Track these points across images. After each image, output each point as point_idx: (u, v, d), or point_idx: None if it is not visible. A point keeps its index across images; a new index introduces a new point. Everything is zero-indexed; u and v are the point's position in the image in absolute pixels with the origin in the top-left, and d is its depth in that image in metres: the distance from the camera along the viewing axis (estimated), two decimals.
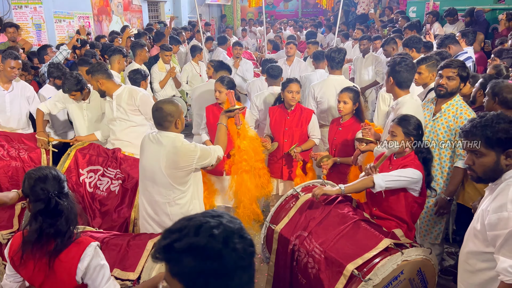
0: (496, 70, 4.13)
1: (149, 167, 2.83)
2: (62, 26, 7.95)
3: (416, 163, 2.69)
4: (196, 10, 7.34)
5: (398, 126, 2.71)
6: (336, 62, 4.42)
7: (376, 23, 10.10)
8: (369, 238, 2.37)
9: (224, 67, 4.63)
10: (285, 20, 15.07)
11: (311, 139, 4.01)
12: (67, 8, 8.05)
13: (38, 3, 7.37)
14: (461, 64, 3.16)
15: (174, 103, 2.80)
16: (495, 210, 1.81)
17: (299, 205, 2.80)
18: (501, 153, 1.88)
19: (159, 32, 7.89)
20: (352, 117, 3.78)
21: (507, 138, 1.85)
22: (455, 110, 3.14)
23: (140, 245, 2.62)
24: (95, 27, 8.95)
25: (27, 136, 3.99)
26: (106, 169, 3.50)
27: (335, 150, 3.86)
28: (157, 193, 2.87)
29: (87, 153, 3.58)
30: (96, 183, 3.45)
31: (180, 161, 2.75)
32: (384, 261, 2.18)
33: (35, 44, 7.27)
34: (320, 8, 15.05)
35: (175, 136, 2.79)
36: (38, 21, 7.47)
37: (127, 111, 3.83)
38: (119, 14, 9.89)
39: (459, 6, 7.78)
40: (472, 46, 5.38)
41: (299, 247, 2.57)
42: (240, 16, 15.60)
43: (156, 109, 2.75)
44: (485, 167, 1.93)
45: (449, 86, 3.12)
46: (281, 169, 4.09)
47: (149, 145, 2.84)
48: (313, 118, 3.99)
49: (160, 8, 12.06)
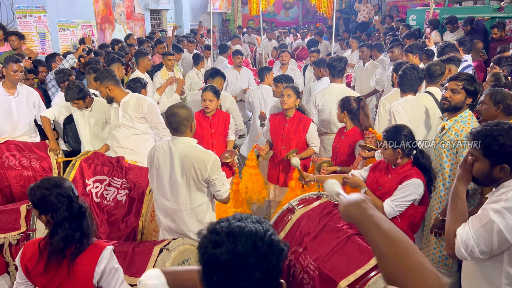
0: (495, 77, 4.17)
1: (164, 176, 2.84)
2: (66, 35, 8.03)
3: (415, 171, 2.72)
4: (197, 18, 7.41)
5: (385, 140, 2.77)
6: (337, 70, 4.47)
7: (380, 30, 10.17)
8: (361, 253, 2.34)
9: (219, 73, 4.74)
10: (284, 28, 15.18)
11: (310, 147, 4.04)
12: (70, 17, 8.13)
13: (42, 12, 7.45)
14: (469, 77, 2.97)
15: (187, 107, 2.83)
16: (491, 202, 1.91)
17: (294, 219, 2.77)
18: (496, 165, 1.91)
19: (159, 40, 7.96)
20: (355, 127, 3.82)
21: (504, 152, 1.89)
22: (459, 128, 2.92)
23: (146, 251, 2.66)
24: (98, 36, 9.04)
25: (37, 145, 4.04)
26: (112, 179, 3.52)
27: (336, 158, 3.90)
28: (174, 201, 2.88)
29: (92, 163, 3.60)
30: (102, 193, 3.47)
31: (195, 166, 2.76)
32: (376, 277, 2.15)
33: (39, 52, 7.35)
34: (321, 16, 15.16)
35: (188, 141, 2.81)
36: (42, 30, 7.55)
37: (133, 119, 3.87)
38: (122, 23, 9.99)
39: (459, 14, 7.84)
40: (470, 54, 5.44)
41: (294, 263, 2.55)
42: (242, 23, 15.71)
43: (172, 114, 2.75)
44: (478, 172, 1.99)
45: (453, 99, 2.96)
46: (277, 175, 4.14)
47: (162, 154, 2.84)
48: (312, 127, 4.01)
49: (162, 16, 12.16)
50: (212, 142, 4.04)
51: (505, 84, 3.99)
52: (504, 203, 1.82)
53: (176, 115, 2.74)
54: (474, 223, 1.88)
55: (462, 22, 7.53)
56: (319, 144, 4.10)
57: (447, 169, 3.01)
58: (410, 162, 2.78)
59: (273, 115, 4.23)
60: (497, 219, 1.80)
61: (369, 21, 12.82)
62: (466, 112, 2.96)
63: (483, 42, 6.78)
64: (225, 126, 4.11)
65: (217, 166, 2.81)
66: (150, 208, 3.37)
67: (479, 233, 1.83)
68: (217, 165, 2.82)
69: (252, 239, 1.02)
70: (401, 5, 12.97)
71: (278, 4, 17.17)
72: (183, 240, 2.71)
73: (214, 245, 1.02)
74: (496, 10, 7.69)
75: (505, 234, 1.78)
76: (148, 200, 3.36)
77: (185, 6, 12.63)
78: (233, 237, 1.02)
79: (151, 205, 3.35)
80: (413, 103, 3.66)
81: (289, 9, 17.91)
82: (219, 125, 4.07)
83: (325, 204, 2.87)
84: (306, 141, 4.04)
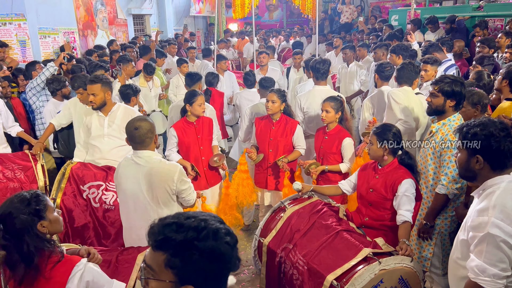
0: (477, 75, 4.23)
1: (130, 191, 2.77)
2: (47, 42, 7.92)
3: (403, 170, 2.76)
4: (181, 22, 7.41)
5: (374, 135, 2.84)
6: (320, 73, 4.49)
7: (365, 31, 10.25)
8: (349, 248, 2.40)
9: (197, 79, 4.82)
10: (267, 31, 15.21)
11: (296, 149, 4.06)
12: (51, 24, 8.03)
13: (23, 20, 7.34)
14: (445, 80, 2.93)
15: (148, 120, 2.78)
16: (478, 214, 1.88)
17: (285, 217, 2.83)
18: (472, 156, 1.95)
19: (145, 46, 7.90)
20: (337, 126, 3.86)
21: (475, 142, 1.93)
22: (445, 131, 2.91)
23: (130, 259, 2.61)
24: (81, 42, 8.94)
25: (18, 155, 3.94)
26: (109, 184, 3.48)
27: (322, 158, 3.92)
28: (141, 218, 2.79)
29: (83, 170, 3.55)
30: (101, 198, 3.44)
31: (162, 180, 2.70)
32: (362, 271, 2.20)
33: (20, 60, 7.23)
34: (305, 18, 15.23)
35: (151, 154, 2.75)
36: (22, 38, 7.44)
37: (121, 129, 3.73)
38: (105, 29, 9.89)
39: (439, 14, 7.96)
40: (452, 52, 5.51)
41: (285, 259, 2.60)
42: (226, 27, 15.69)
43: (135, 128, 2.67)
44: (459, 163, 2.05)
45: (433, 103, 2.98)
46: (266, 179, 4.14)
47: (127, 168, 2.78)
48: (298, 129, 4.04)
49: (146, 21, 12.09)
50: (200, 147, 4.01)
51: (487, 82, 4.05)
52: (492, 211, 1.82)
53: (139, 128, 2.67)
54: (478, 249, 1.84)
55: (442, 21, 7.64)
56: (305, 146, 4.12)
57: (431, 172, 3.02)
58: (396, 161, 2.81)
59: (258, 118, 4.22)
60: (495, 230, 1.78)
61: (352, 22, 12.92)
62: (455, 116, 2.95)
63: (465, 41, 6.88)
64: (209, 130, 4.08)
65: (183, 176, 2.77)
66: None
67: (488, 255, 1.80)
68: (183, 174, 2.77)
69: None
70: (383, 6, 13.11)
71: (262, 6, 17.19)
72: None
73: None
74: (475, 9, 7.81)
75: (510, 241, 1.76)
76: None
77: (168, 10, 12.58)
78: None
79: None
80: (409, 92, 3.89)
81: (273, 12, 17.96)
82: (204, 130, 4.05)
83: (316, 203, 2.94)
84: (292, 144, 4.05)
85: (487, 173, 1.94)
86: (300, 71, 6.97)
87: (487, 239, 1.79)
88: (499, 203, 1.82)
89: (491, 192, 1.89)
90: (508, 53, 4.92)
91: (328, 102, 3.81)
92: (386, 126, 2.85)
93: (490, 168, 1.93)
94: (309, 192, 3.11)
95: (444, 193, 2.85)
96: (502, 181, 1.90)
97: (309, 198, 3.01)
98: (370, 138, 2.87)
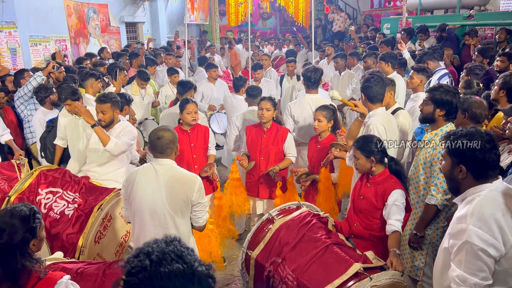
0: (467, 84, 4.24)
1: (148, 198, 2.71)
2: (38, 50, 7.87)
3: (394, 180, 2.75)
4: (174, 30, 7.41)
5: (357, 149, 2.80)
6: (312, 82, 4.48)
7: (356, 40, 10.31)
8: (339, 263, 2.36)
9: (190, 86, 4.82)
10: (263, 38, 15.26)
11: (287, 157, 4.04)
12: (43, 31, 7.98)
13: (13, 28, 7.29)
14: (437, 89, 2.93)
15: (171, 129, 2.80)
16: (457, 221, 1.88)
17: (274, 229, 2.78)
18: (456, 165, 1.95)
19: (133, 52, 7.86)
20: (330, 135, 3.85)
21: (460, 152, 1.93)
22: (437, 141, 2.88)
23: (117, 273, 2.55)
24: (72, 50, 8.89)
25: (3, 165, 3.89)
26: (66, 192, 3.43)
27: (314, 167, 3.90)
28: (157, 226, 2.74)
29: (51, 175, 3.52)
30: (51, 205, 3.36)
31: (183, 188, 2.68)
32: (353, 287, 2.16)
33: (10, 68, 7.16)
34: (298, 26, 15.30)
35: (171, 163, 2.75)
36: (13, 45, 7.37)
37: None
38: (97, 36, 9.85)
39: (430, 22, 8.05)
40: (442, 61, 5.54)
41: (273, 274, 2.55)
42: (220, 35, 15.72)
43: (158, 138, 2.69)
44: (443, 171, 2.06)
45: (423, 111, 3.00)
46: (258, 188, 4.11)
47: (147, 176, 2.73)
48: (289, 137, 4.03)
49: (139, 29, 12.07)
50: (192, 156, 3.98)
51: (476, 90, 4.07)
52: (470, 219, 1.81)
53: (162, 138, 2.69)
54: (458, 258, 1.83)
55: (433, 30, 7.71)
56: (295, 154, 4.10)
57: (422, 181, 3.00)
58: (387, 170, 2.79)
59: (249, 127, 4.20)
60: (473, 238, 1.77)
61: (345, 30, 13.00)
62: (448, 126, 2.92)
63: (455, 50, 6.94)
64: (204, 139, 4.05)
65: (203, 189, 2.76)
66: (95, 228, 3.21)
67: (468, 264, 1.79)
68: (203, 188, 2.77)
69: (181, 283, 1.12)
70: (375, 14, 13.21)
71: (255, 14, 17.27)
72: None
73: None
74: (466, 18, 7.90)
75: (488, 250, 1.75)
76: (94, 218, 3.21)
77: (161, 18, 12.57)
78: None
79: (97, 224, 3.21)
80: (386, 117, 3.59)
81: (266, 19, 18.04)
82: (198, 139, 4.02)
83: (305, 214, 2.89)
84: (283, 151, 4.03)
85: (470, 182, 1.94)
86: (294, 79, 6.98)
87: (466, 247, 1.80)
88: (477, 211, 1.82)
89: (471, 200, 1.90)
90: (499, 61, 4.95)
91: (320, 111, 3.80)
92: (366, 138, 2.83)
93: (473, 178, 1.93)
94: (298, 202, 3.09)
95: (434, 203, 2.83)
96: (483, 190, 1.90)
97: (298, 209, 2.97)
98: (354, 153, 2.84)
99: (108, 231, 3.42)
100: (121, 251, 3.62)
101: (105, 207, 3.28)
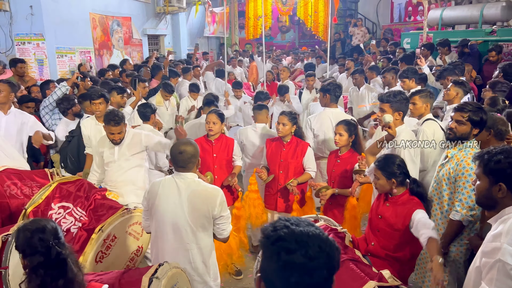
0: (492, 100, 4.18)
1: (170, 212, 2.72)
2: (64, 61, 8.10)
3: (416, 201, 2.70)
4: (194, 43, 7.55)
5: (378, 170, 2.75)
6: (335, 96, 4.50)
7: (377, 53, 10.28)
8: (354, 279, 2.31)
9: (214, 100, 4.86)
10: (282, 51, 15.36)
11: (307, 171, 4.03)
12: (68, 43, 8.22)
13: (41, 39, 7.54)
14: (474, 108, 2.88)
15: (193, 143, 2.81)
16: (492, 239, 1.85)
17: None
18: (494, 184, 1.91)
19: (156, 65, 8.02)
20: (350, 150, 3.83)
21: (500, 170, 1.90)
22: (460, 157, 2.86)
23: (134, 282, 2.53)
24: (96, 61, 9.12)
25: (37, 173, 3.95)
26: (75, 209, 3.36)
27: (333, 182, 3.89)
28: (178, 240, 2.75)
29: (66, 188, 3.46)
30: (60, 221, 3.28)
31: (205, 202, 2.69)
32: None
33: (37, 79, 7.39)
34: (317, 39, 15.37)
35: (193, 177, 2.75)
36: (40, 57, 7.62)
37: (126, 155, 3.86)
38: (120, 48, 10.09)
39: (452, 37, 7.95)
40: (463, 76, 5.48)
41: None
42: (239, 48, 15.90)
43: (180, 152, 2.70)
44: (479, 191, 2.01)
45: (458, 130, 2.91)
46: (276, 201, 4.11)
47: (169, 189, 2.74)
48: (309, 151, 4.02)
49: (160, 41, 12.32)
50: (214, 166, 4.02)
51: (502, 107, 4.00)
52: (505, 237, 1.78)
53: (184, 152, 2.70)
54: (489, 277, 1.80)
55: (455, 45, 7.63)
56: (315, 168, 4.09)
57: (446, 197, 2.96)
58: (407, 192, 2.75)
59: (269, 140, 4.22)
60: (506, 257, 1.74)
61: (364, 44, 12.98)
62: (472, 142, 2.90)
63: (477, 66, 6.85)
64: (228, 151, 4.08)
65: (225, 202, 2.75)
66: (95, 248, 3.09)
67: (498, 284, 1.75)
68: (225, 201, 2.76)
69: (318, 242, 1.18)
70: (395, 29, 13.18)
71: (274, 28, 17.43)
72: (169, 265, 2.61)
73: (288, 252, 1.16)
74: (488, 33, 7.80)
75: None
76: (94, 240, 3.09)
77: (182, 31, 12.81)
78: (301, 242, 1.16)
79: (98, 245, 3.10)
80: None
81: (285, 33, 18.18)
82: (221, 150, 4.05)
83: (322, 228, 2.84)
84: (303, 166, 4.03)
85: (508, 201, 1.90)
86: (313, 93, 6.99)
87: (498, 265, 1.76)
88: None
89: (507, 219, 1.85)
90: None
91: (342, 126, 3.78)
92: (389, 159, 2.77)
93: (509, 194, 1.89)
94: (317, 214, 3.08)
95: (459, 219, 2.79)
96: None
97: (315, 222, 2.96)
98: (374, 173, 2.79)
99: (112, 250, 3.29)
100: (132, 265, 3.52)
101: (106, 228, 3.16)
